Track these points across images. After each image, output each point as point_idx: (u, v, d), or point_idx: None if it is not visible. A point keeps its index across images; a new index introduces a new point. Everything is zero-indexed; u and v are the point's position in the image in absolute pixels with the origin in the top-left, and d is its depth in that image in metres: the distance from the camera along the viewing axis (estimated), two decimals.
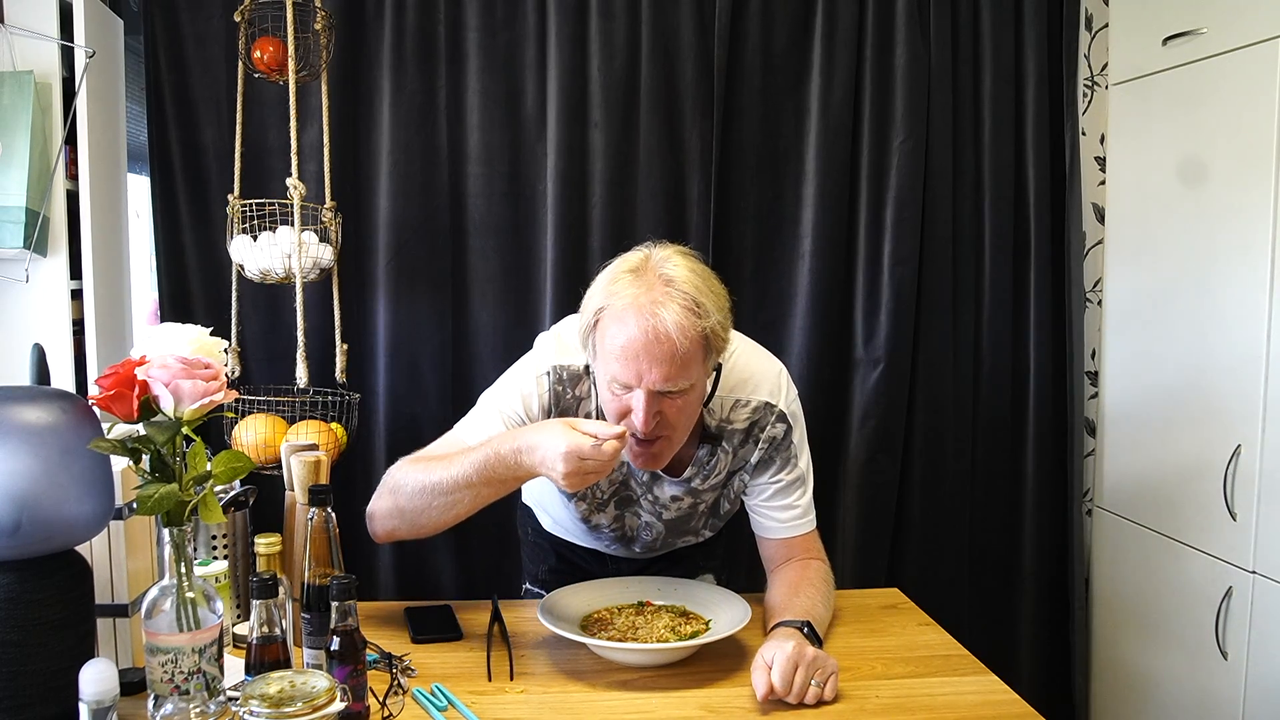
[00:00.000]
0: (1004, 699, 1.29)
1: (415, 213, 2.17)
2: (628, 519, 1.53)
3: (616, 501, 1.51)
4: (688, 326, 1.23)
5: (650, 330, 1.23)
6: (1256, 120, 1.89)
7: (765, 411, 1.45)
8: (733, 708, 1.25)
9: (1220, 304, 2.01)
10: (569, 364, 1.42)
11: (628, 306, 1.25)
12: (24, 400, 1.11)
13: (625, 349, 1.25)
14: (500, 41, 2.17)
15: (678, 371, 1.25)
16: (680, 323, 1.23)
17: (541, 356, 1.45)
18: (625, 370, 1.26)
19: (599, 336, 1.30)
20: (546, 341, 1.48)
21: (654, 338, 1.23)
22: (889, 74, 2.26)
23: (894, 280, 2.28)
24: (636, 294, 1.25)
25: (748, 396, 1.45)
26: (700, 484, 1.48)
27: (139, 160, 2.18)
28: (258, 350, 2.16)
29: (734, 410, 1.45)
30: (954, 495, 2.39)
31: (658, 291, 1.25)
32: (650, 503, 1.50)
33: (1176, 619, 2.12)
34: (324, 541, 1.27)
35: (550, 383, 1.42)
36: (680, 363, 1.25)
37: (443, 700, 1.24)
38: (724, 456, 1.46)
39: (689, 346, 1.24)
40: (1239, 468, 1.94)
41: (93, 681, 0.98)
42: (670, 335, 1.23)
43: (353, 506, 2.18)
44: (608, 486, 1.48)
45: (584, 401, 1.43)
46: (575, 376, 1.42)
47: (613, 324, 1.27)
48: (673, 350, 1.23)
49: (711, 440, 1.45)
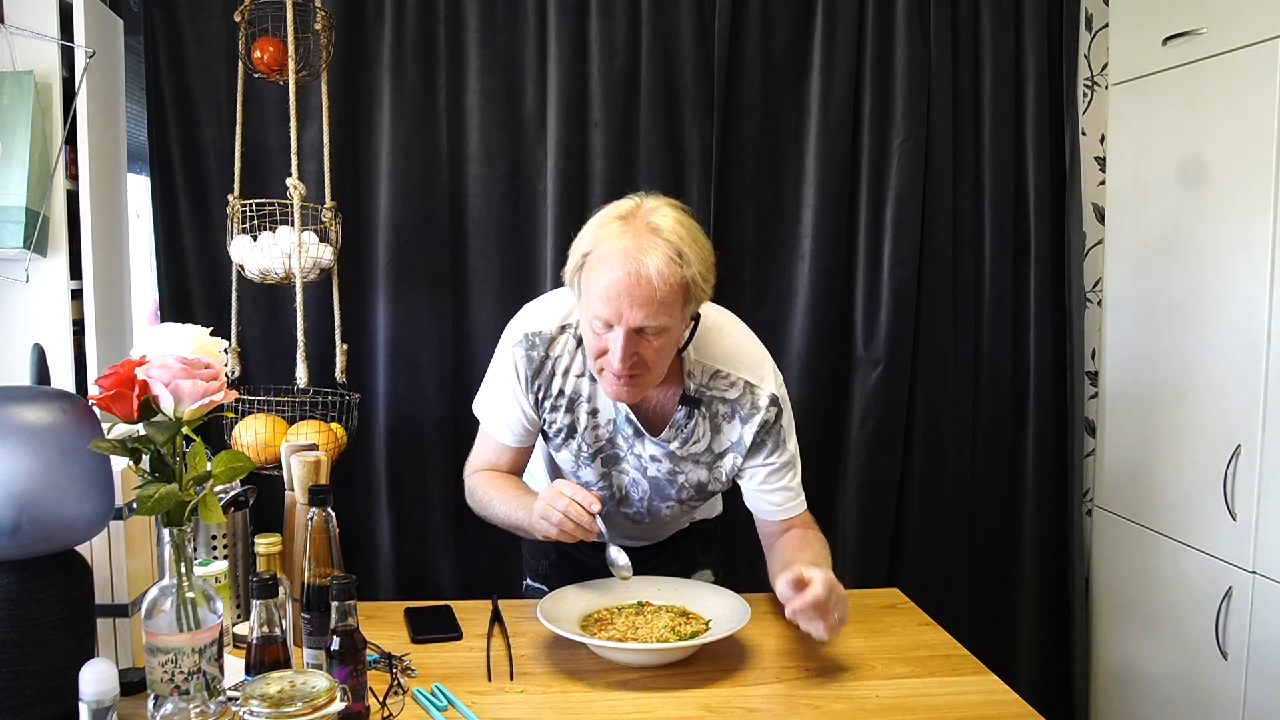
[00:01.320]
0: (1004, 699, 1.29)
1: (415, 213, 2.17)
2: (614, 476, 1.58)
3: (602, 459, 1.55)
4: (668, 274, 1.30)
5: (633, 274, 1.29)
6: (1256, 120, 1.89)
7: (751, 393, 1.49)
8: (733, 708, 1.25)
9: (1220, 304, 2.01)
10: (540, 329, 1.50)
11: (613, 250, 1.32)
12: (24, 400, 1.11)
13: (608, 289, 1.31)
14: (500, 41, 2.17)
15: (655, 313, 1.31)
16: (661, 269, 1.29)
17: (513, 330, 1.53)
18: (607, 309, 1.32)
19: (585, 276, 1.36)
20: (516, 318, 1.56)
21: (636, 281, 1.29)
22: (889, 74, 2.26)
23: (894, 280, 2.28)
24: (623, 239, 1.32)
25: (731, 371, 1.49)
26: (680, 449, 1.51)
27: (139, 160, 2.18)
28: (258, 350, 2.16)
29: (714, 380, 1.49)
30: (954, 495, 2.39)
31: (644, 238, 1.31)
32: (635, 458, 1.55)
33: (1176, 619, 2.12)
34: (324, 541, 1.27)
35: (525, 349, 1.49)
36: (658, 305, 1.31)
37: (443, 700, 1.25)
38: (702, 423, 1.50)
39: (668, 292, 1.31)
40: (1239, 468, 1.94)
41: (93, 681, 0.98)
42: (651, 280, 1.29)
43: (353, 506, 2.20)
44: (592, 441, 1.53)
45: (559, 359, 1.50)
46: (548, 339, 1.50)
47: (599, 265, 1.33)
48: (651, 294, 1.30)
49: (690, 404, 1.49)
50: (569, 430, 1.53)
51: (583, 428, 1.51)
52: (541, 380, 1.49)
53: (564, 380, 1.50)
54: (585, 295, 1.36)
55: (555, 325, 1.49)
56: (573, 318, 1.49)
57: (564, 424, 1.52)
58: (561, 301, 1.52)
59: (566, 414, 1.51)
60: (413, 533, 2.24)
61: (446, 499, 2.23)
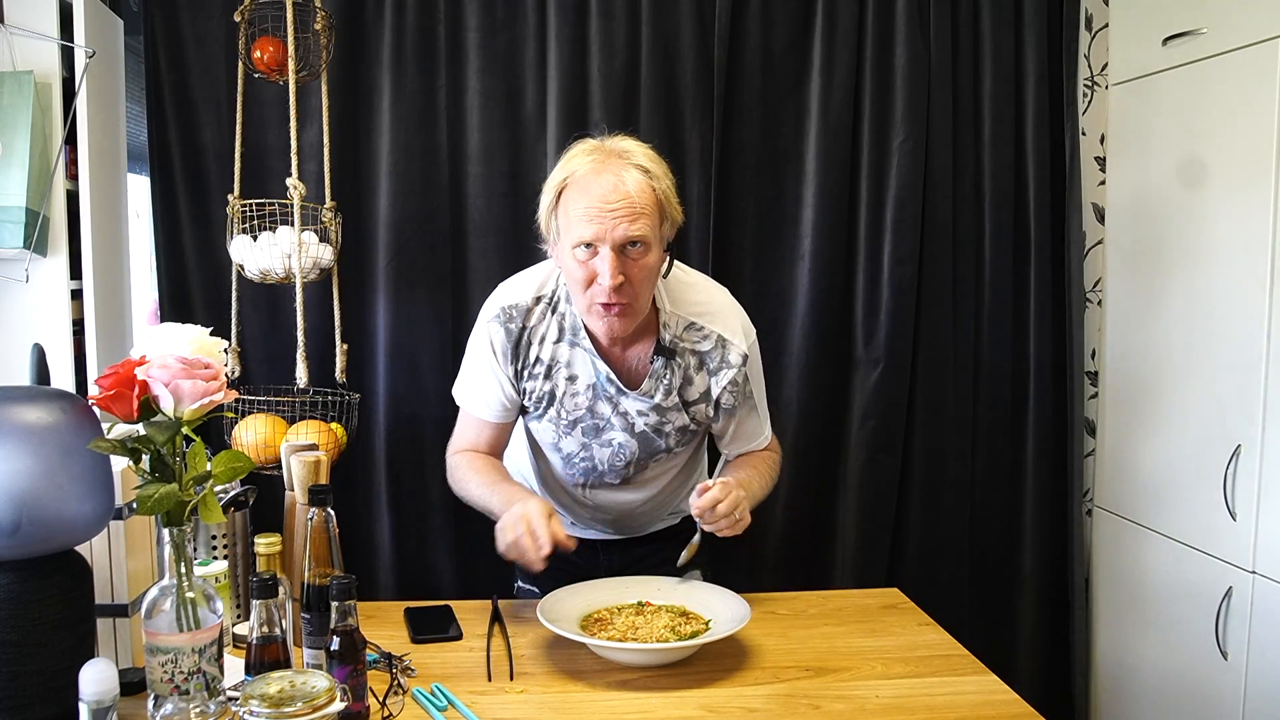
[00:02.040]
0: (1004, 699, 1.29)
1: (415, 213, 2.17)
2: (595, 449, 1.60)
3: (582, 429, 1.58)
4: (644, 185, 1.40)
5: (613, 187, 1.38)
6: (1256, 120, 1.89)
7: (722, 345, 1.55)
8: (733, 708, 1.25)
9: (1220, 304, 2.01)
10: (515, 301, 1.55)
11: (589, 172, 1.40)
12: (24, 400, 1.11)
13: (589, 208, 1.38)
14: (500, 41, 2.17)
15: (637, 222, 1.39)
16: (638, 180, 1.39)
17: (488, 308, 1.58)
18: (591, 227, 1.38)
19: (562, 208, 1.43)
20: (491, 298, 1.60)
21: (615, 193, 1.38)
22: (889, 74, 2.26)
23: (894, 280, 2.28)
24: (594, 162, 1.41)
25: (705, 325, 1.55)
26: (663, 400, 1.56)
27: (139, 160, 2.18)
28: (258, 350, 2.16)
29: (688, 331, 1.55)
30: (954, 495, 2.39)
31: (614, 159, 1.42)
32: (621, 418, 1.57)
33: (1176, 619, 2.12)
34: (324, 541, 1.27)
35: (502, 323, 1.54)
36: (639, 215, 1.39)
37: (443, 700, 1.25)
38: (678, 372, 1.55)
39: (646, 203, 1.40)
40: (1239, 468, 1.94)
41: (93, 681, 0.98)
42: (629, 191, 1.38)
43: (353, 506, 2.20)
44: (571, 409, 1.57)
45: (535, 329, 1.54)
46: (524, 309, 1.54)
47: (576, 191, 1.41)
48: (632, 204, 1.38)
49: (665, 354, 1.54)
50: (549, 399, 1.56)
51: (561, 393, 1.55)
52: (521, 351, 1.54)
53: (540, 348, 1.54)
54: (567, 224, 1.42)
55: (530, 296, 1.55)
56: (546, 288, 1.55)
57: (544, 391, 1.56)
58: (533, 276, 1.58)
59: (545, 380, 1.55)
60: (413, 533, 2.24)
61: (446, 499, 2.21)
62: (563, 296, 1.54)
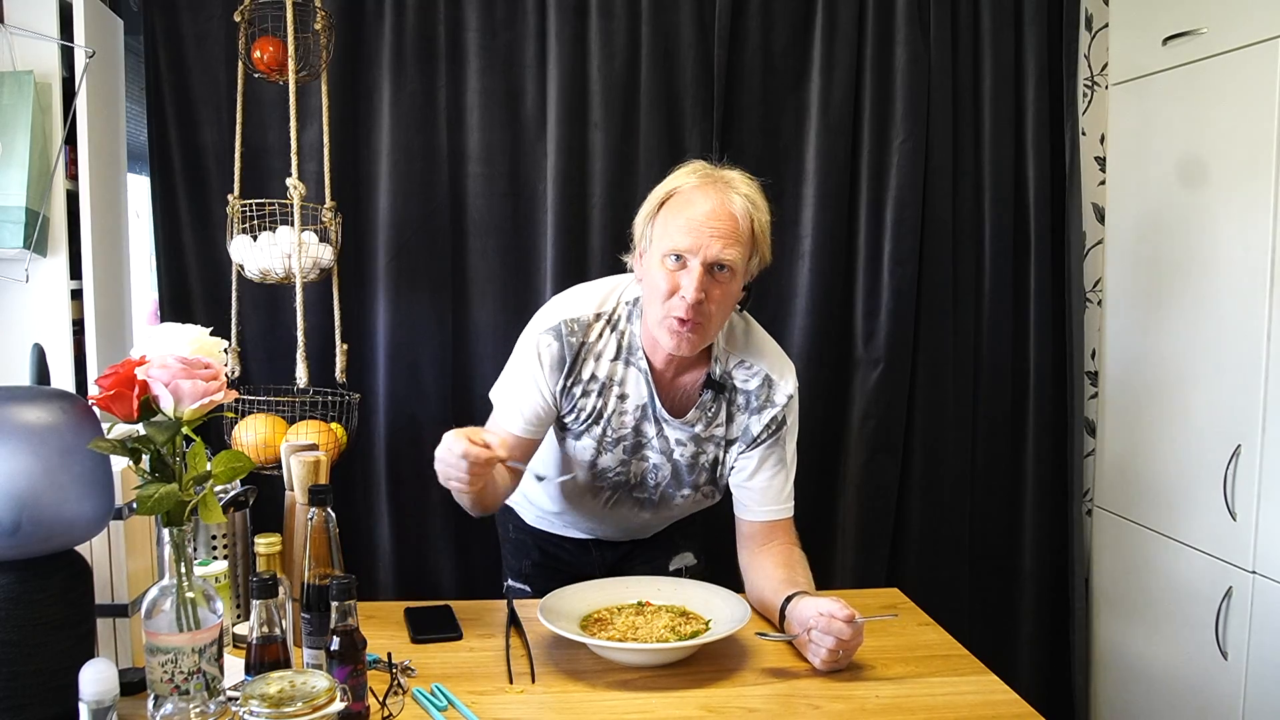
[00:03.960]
0: (1004, 699, 1.29)
1: (415, 213, 2.17)
2: (634, 464, 1.59)
3: (625, 446, 1.57)
4: (746, 213, 1.42)
5: (720, 204, 1.41)
6: (1256, 120, 1.89)
7: (768, 385, 1.55)
8: (733, 708, 1.25)
9: (1220, 303, 2.01)
10: (577, 315, 1.53)
11: (698, 187, 1.43)
12: (24, 400, 1.11)
13: (692, 220, 1.40)
14: (500, 41, 2.17)
15: (732, 247, 1.40)
16: (743, 207, 1.42)
17: (546, 317, 1.55)
18: (689, 239, 1.39)
19: (664, 215, 1.45)
20: (549, 307, 1.58)
21: (721, 212, 1.40)
22: (889, 74, 2.26)
23: (894, 280, 2.28)
24: (707, 181, 1.44)
25: (754, 363, 1.55)
26: (704, 431, 1.56)
27: (139, 160, 2.18)
28: (258, 350, 2.16)
29: (738, 369, 1.55)
30: (954, 495, 2.39)
31: (722, 184, 1.44)
32: (662, 441, 1.57)
33: (1176, 619, 2.12)
34: (324, 541, 1.27)
35: (564, 334, 1.52)
36: (736, 240, 1.41)
37: (443, 700, 1.25)
38: (723, 408, 1.55)
39: (745, 230, 1.42)
40: (1239, 468, 1.94)
41: (93, 681, 0.98)
42: (735, 213, 1.41)
43: (353, 506, 2.20)
44: (617, 427, 1.56)
45: (593, 344, 1.53)
46: (585, 325, 1.53)
47: (681, 202, 1.43)
48: (734, 228, 1.40)
49: (714, 387, 1.55)
50: (596, 415, 1.54)
51: (610, 412, 1.54)
52: (576, 367, 1.52)
53: (597, 365, 1.53)
54: (663, 232, 1.43)
55: (591, 312, 1.53)
56: (607, 305, 1.54)
57: (594, 408, 1.54)
58: (595, 291, 1.57)
59: (598, 398, 1.54)
60: (413, 533, 2.24)
61: (446, 499, 2.19)
62: (623, 315, 1.54)
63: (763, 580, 1.52)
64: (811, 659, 1.35)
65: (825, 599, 1.36)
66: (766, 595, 1.49)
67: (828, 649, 1.32)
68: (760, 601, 1.51)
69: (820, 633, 1.32)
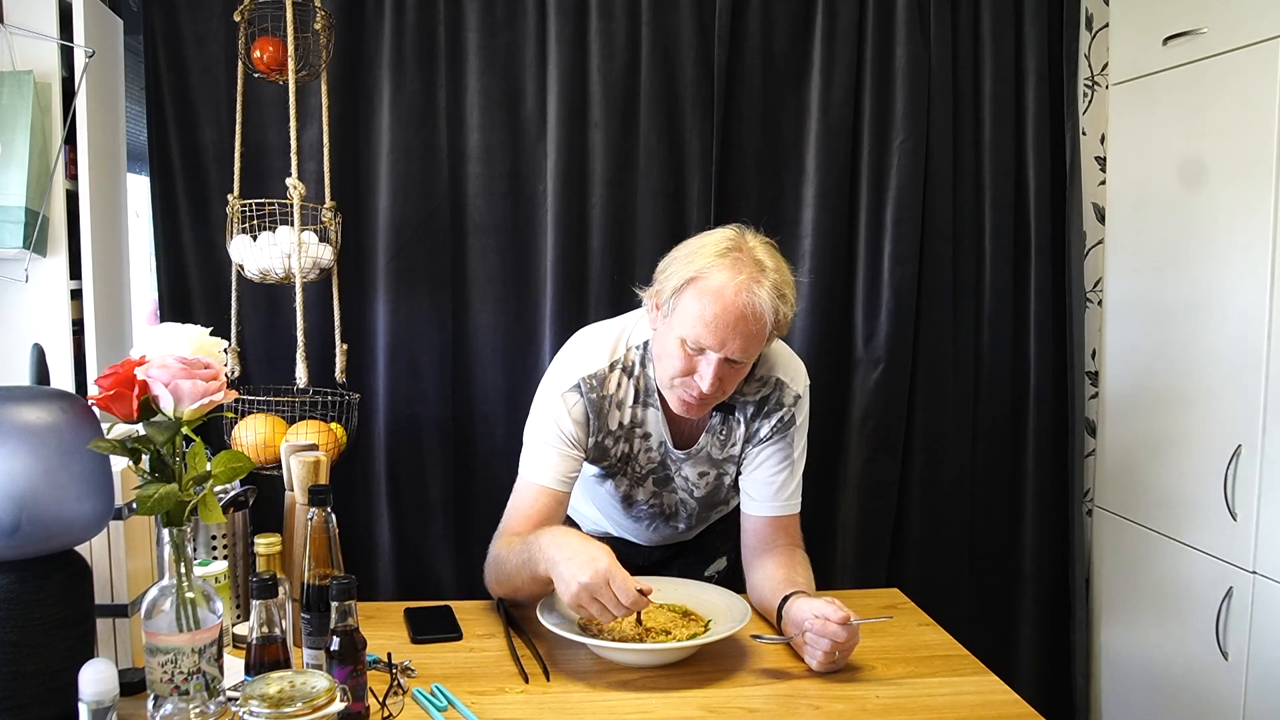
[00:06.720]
0: (1004, 699, 1.29)
1: (415, 213, 2.16)
2: (665, 496, 1.62)
3: (654, 480, 1.59)
4: (772, 310, 1.37)
5: (747, 306, 1.35)
6: (1256, 120, 1.89)
7: (779, 389, 1.55)
8: (733, 708, 1.25)
9: (1220, 304, 2.00)
10: (593, 370, 1.52)
11: (727, 282, 1.36)
12: (24, 400, 1.11)
13: (717, 317, 1.35)
14: (500, 41, 2.17)
15: (752, 345, 1.39)
16: (770, 304, 1.36)
17: (564, 375, 1.53)
18: (709, 336, 1.36)
19: (684, 299, 1.39)
20: (562, 361, 1.56)
21: (747, 314, 1.35)
22: (889, 74, 2.26)
23: (894, 280, 2.28)
24: (736, 273, 1.37)
25: (763, 372, 1.55)
26: (718, 453, 1.56)
27: (139, 160, 2.18)
28: (258, 350, 2.16)
29: (748, 384, 1.54)
30: (954, 495, 2.39)
31: (754, 275, 1.37)
32: (683, 480, 1.59)
33: (1176, 619, 2.12)
34: (324, 541, 1.27)
35: (584, 392, 1.51)
36: (756, 339, 1.38)
37: (443, 700, 1.25)
38: (737, 427, 1.55)
39: (768, 328, 1.38)
40: (1239, 468, 1.94)
41: (92, 681, 0.98)
42: (761, 314, 1.36)
43: (352, 507, 2.20)
44: (644, 464, 1.57)
45: (614, 395, 1.53)
46: (602, 378, 1.52)
47: (705, 293, 1.37)
48: (759, 330, 1.37)
49: (723, 409, 1.55)
50: (625, 458, 1.57)
51: (636, 451, 1.56)
52: (603, 418, 1.53)
53: (621, 412, 1.53)
54: (684, 319, 1.38)
55: (605, 364, 1.53)
56: (618, 353, 1.53)
57: (622, 452, 1.56)
58: (603, 341, 1.55)
59: (625, 443, 1.56)
60: (413, 533, 2.23)
61: (446, 499, 2.23)
62: (636, 360, 1.53)
63: (762, 580, 1.53)
64: (808, 660, 1.36)
65: (821, 600, 1.36)
66: (765, 595, 1.50)
67: (823, 651, 1.32)
68: (760, 601, 1.52)
69: (815, 635, 1.33)
